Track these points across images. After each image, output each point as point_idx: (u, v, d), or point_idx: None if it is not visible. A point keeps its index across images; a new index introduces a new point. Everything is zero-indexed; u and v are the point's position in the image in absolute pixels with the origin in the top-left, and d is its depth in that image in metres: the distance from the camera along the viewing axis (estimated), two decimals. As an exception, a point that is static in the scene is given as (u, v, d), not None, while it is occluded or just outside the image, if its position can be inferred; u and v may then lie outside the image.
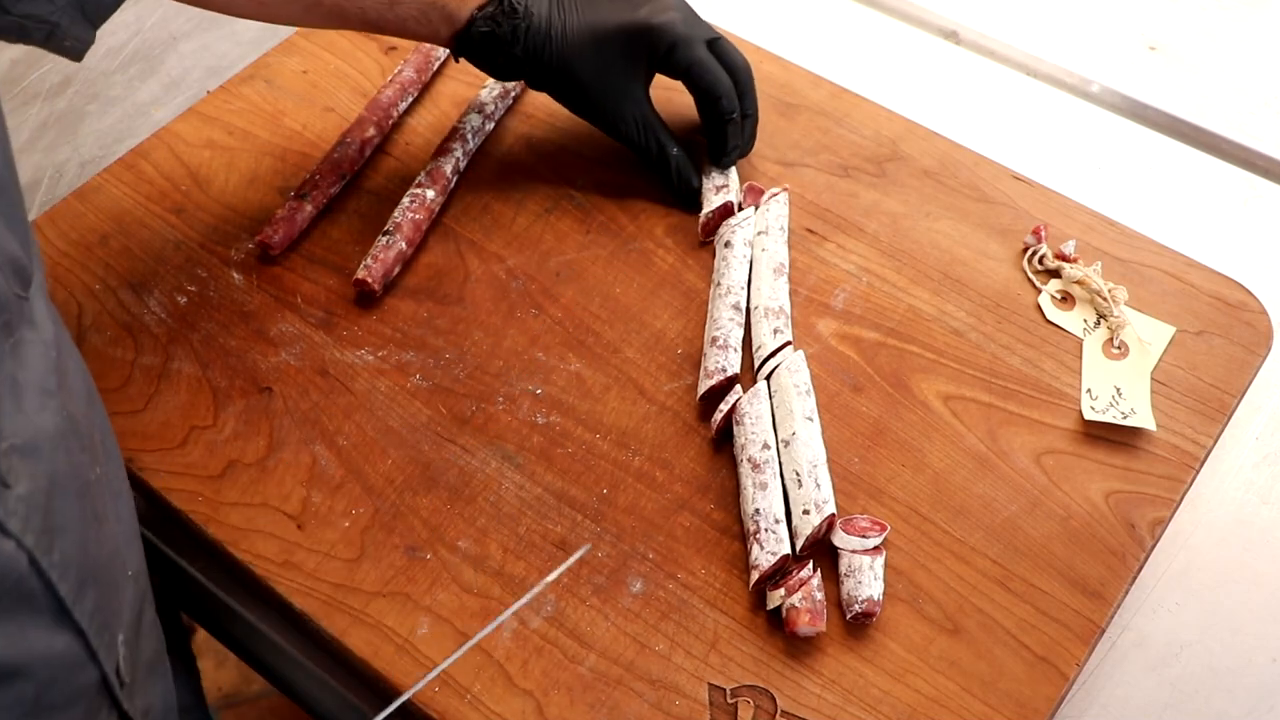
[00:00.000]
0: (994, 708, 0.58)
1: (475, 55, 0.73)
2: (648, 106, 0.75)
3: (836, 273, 0.74)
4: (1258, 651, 0.62)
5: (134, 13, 0.94)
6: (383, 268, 0.72)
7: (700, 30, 0.73)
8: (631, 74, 0.73)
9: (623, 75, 0.73)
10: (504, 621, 0.60)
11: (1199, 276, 0.74)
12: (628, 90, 0.74)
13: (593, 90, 0.73)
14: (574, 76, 0.73)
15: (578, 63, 0.72)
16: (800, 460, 0.63)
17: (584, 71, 0.72)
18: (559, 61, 0.72)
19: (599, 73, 0.72)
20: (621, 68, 0.72)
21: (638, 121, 0.74)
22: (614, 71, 0.73)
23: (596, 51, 0.72)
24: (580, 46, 0.71)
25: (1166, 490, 0.65)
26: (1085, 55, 0.91)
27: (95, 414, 0.51)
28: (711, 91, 0.73)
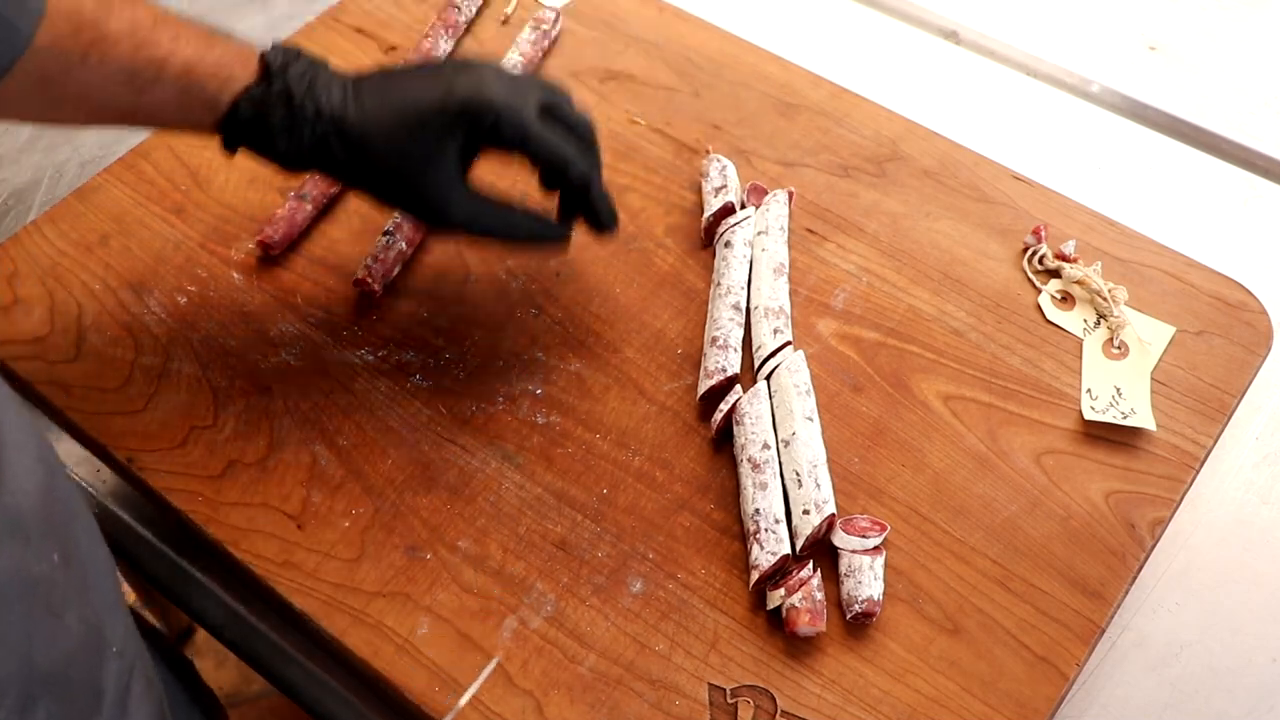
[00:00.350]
0: (994, 708, 0.58)
1: (250, 145, 0.62)
2: (465, 189, 0.63)
3: (836, 273, 0.74)
4: (1258, 651, 0.62)
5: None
6: (383, 268, 0.72)
7: (528, 94, 0.62)
8: (450, 157, 0.61)
9: (440, 161, 0.61)
10: (505, 623, 0.60)
11: (1199, 276, 0.74)
12: (448, 177, 0.62)
13: (405, 182, 0.62)
14: (380, 168, 0.62)
15: (382, 152, 0.61)
16: (800, 460, 0.63)
17: (391, 162, 0.61)
18: (358, 152, 0.61)
19: (412, 161, 0.61)
20: (438, 152, 0.61)
21: (467, 211, 0.63)
22: (429, 159, 0.61)
23: (407, 137, 0.60)
24: (384, 133, 0.61)
25: (1166, 490, 0.65)
26: (1085, 55, 0.91)
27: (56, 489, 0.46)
28: (556, 164, 0.63)
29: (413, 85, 0.62)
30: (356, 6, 0.90)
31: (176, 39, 0.59)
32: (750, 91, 0.84)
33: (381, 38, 0.88)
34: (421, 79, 0.62)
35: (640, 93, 0.84)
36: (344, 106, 0.61)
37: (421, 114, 0.61)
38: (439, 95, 0.61)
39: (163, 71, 0.59)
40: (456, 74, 0.62)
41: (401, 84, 0.62)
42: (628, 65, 0.86)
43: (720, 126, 0.82)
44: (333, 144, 0.61)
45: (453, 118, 0.61)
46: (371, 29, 0.89)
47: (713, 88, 0.85)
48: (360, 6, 0.90)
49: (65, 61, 0.56)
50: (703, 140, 0.81)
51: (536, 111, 0.62)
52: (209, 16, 0.92)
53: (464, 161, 0.63)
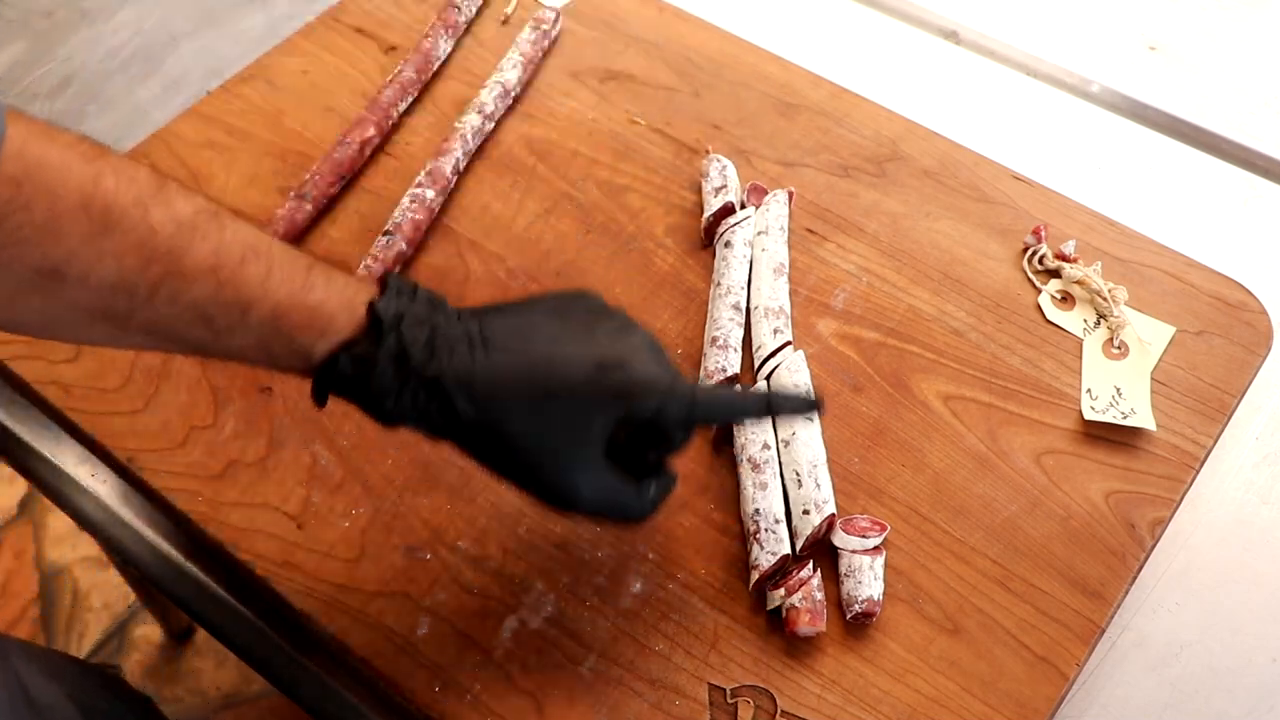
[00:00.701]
0: (994, 708, 0.58)
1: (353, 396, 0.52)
2: (607, 473, 0.53)
3: (836, 273, 0.74)
4: (1258, 651, 0.62)
5: (134, 12, 0.94)
6: (382, 268, 0.72)
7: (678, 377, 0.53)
8: (595, 442, 0.52)
9: (582, 445, 0.52)
10: (505, 623, 0.60)
11: (1199, 276, 0.74)
12: (583, 458, 0.52)
13: (537, 462, 0.52)
14: (503, 439, 0.51)
15: (510, 422, 0.51)
16: (800, 460, 0.63)
17: (518, 434, 0.51)
18: (480, 416, 0.51)
19: (541, 436, 0.51)
20: (582, 435, 0.51)
21: (596, 496, 0.53)
22: (563, 435, 0.51)
23: (538, 409, 0.51)
24: (513, 401, 0.51)
25: (1166, 490, 0.65)
26: (1085, 55, 0.91)
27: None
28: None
29: (554, 348, 0.52)
30: (356, 6, 0.91)
31: (268, 278, 0.49)
32: (750, 91, 0.84)
33: (381, 38, 0.88)
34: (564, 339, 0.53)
35: (640, 93, 0.84)
36: (470, 367, 0.51)
37: (570, 389, 0.51)
38: (588, 370, 0.51)
39: (247, 316, 0.49)
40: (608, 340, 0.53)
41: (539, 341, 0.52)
42: (628, 65, 0.86)
43: (720, 126, 0.82)
44: (459, 408, 0.51)
45: (607, 401, 0.51)
46: (371, 29, 0.89)
47: (713, 88, 0.85)
48: (360, 6, 0.90)
49: (131, 300, 0.47)
50: (703, 140, 0.81)
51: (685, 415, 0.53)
52: (209, 17, 0.93)
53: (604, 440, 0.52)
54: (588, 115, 0.83)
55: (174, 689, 1.35)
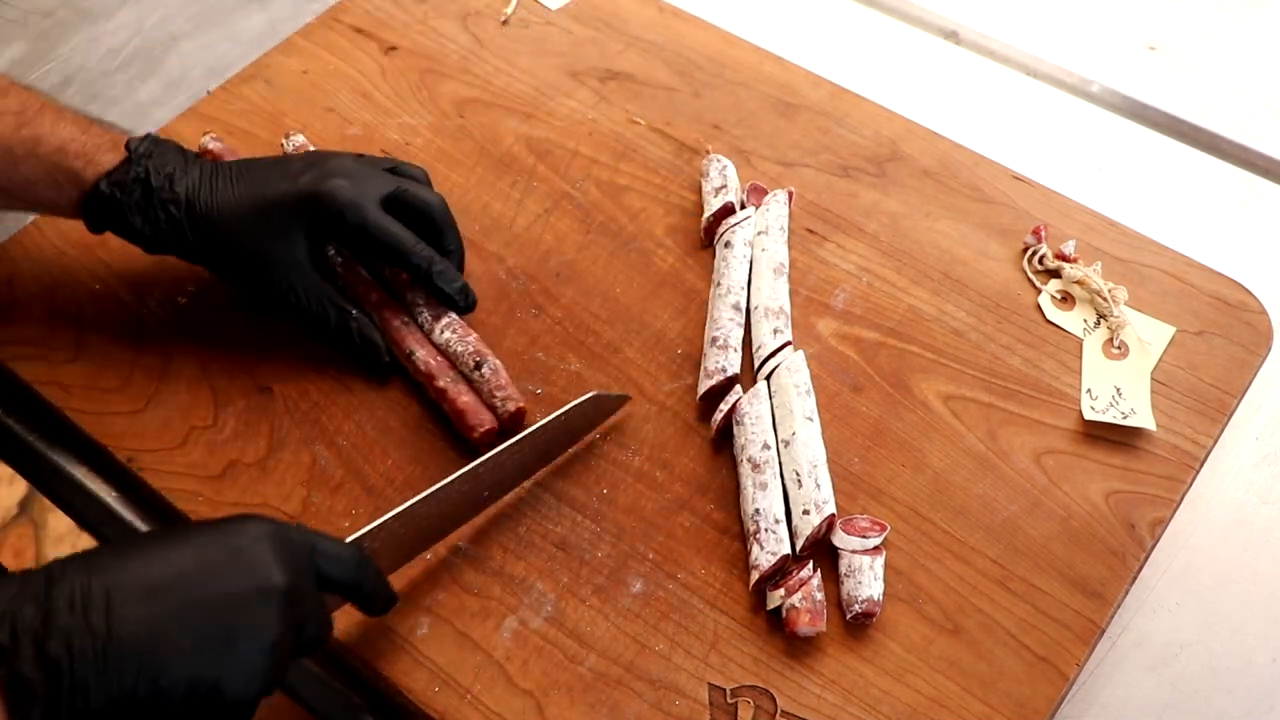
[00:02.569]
0: (994, 708, 0.58)
1: (113, 224, 0.67)
2: (315, 276, 0.68)
3: (836, 273, 0.74)
4: (1258, 651, 0.62)
5: (134, 13, 0.94)
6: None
7: (371, 187, 0.68)
8: (296, 244, 0.67)
9: (286, 246, 0.67)
10: (505, 623, 0.60)
11: (1199, 276, 0.74)
12: (293, 261, 0.67)
13: (253, 264, 0.67)
14: (230, 250, 0.67)
15: (234, 236, 0.66)
16: (800, 460, 0.63)
17: (242, 244, 0.67)
18: (210, 234, 0.66)
19: (259, 245, 0.67)
20: (285, 239, 0.67)
21: (307, 292, 0.68)
22: (276, 244, 0.67)
23: (256, 223, 0.66)
24: (236, 219, 0.66)
25: (1166, 490, 0.65)
26: (1085, 55, 0.91)
27: None
28: (395, 251, 0.67)
29: (265, 175, 0.67)
30: (356, 6, 0.91)
31: (57, 123, 0.65)
32: (750, 91, 0.84)
33: (381, 38, 0.88)
34: (275, 170, 0.68)
35: (640, 93, 0.84)
36: (196, 191, 0.66)
37: (270, 202, 0.66)
38: (286, 186, 0.66)
39: (38, 148, 0.65)
40: (307, 167, 0.68)
41: (255, 174, 0.68)
42: (628, 65, 0.86)
43: (720, 126, 0.82)
44: (184, 226, 0.66)
45: (297, 206, 0.66)
46: (371, 29, 0.89)
47: (713, 88, 0.85)
48: (360, 6, 0.90)
49: None
50: (703, 140, 0.81)
51: (379, 202, 0.67)
52: (209, 17, 0.93)
53: (314, 251, 0.68)
54: (588, 115, 0.83)
55: (174, 689, 1.34)
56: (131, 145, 0.66)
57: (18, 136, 0.64)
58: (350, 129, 0.83)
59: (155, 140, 0.68)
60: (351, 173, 0.67)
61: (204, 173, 0.67)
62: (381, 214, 0.67)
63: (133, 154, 0.66)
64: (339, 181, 0.66)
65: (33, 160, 0.65)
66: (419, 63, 0.87)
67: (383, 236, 0.67)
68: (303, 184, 0.66)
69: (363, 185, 0.67)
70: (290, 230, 0.67)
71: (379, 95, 0.85)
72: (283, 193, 0.66)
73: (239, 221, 0.66)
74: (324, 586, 0.52)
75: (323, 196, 0.66)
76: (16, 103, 0.65)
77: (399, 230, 0.67)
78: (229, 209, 0.66)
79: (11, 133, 0.64)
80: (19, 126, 0.64)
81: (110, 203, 0.66)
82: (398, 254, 0.68)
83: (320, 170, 0.67)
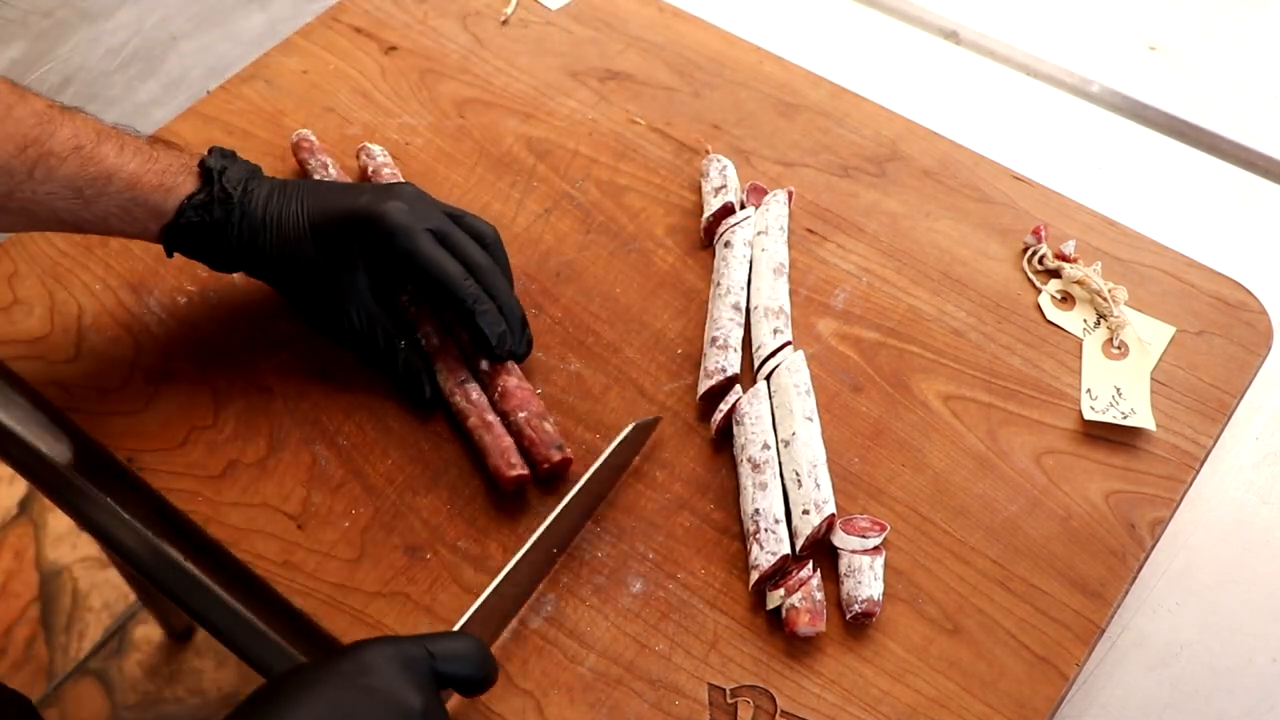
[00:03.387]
0: (994, 708, 0.58)
1: (189, 248, 0.66)
2: (370, 299, 0.67)
3: (836, 273, 0.74)
4: (1258, 651, 0.62)
5: (134, 12, 0.94)
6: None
7: (426, 217, 0.66)
8: (351, 265, 0.66)
9: (342, 267, 0.66)
10: (508, 625, 0.60)
11: (1199, 276, 0.74)
12: (348, 283, 0.66)
13: (310, 283, 0.67)
14: (290, 268, 0.66)
15: (294, 253, 0.65)
16: (800, 460, 0.63)
17: (300, 263, 0.66)
18: (275, 251, 0.66)
19: (316, 264, 0.66)
20: (340, 259, 0.65)
21: (359, 315, 0.67)
22: (332, 263, 0.66)
23: (314, 242, 0.65)
24: (296, 237, 0.65)
25: (1166, 490, 0.65)
26: (1085, 55, 0.91)
27: None
28: (441, 282, 0.65)
29: (328, 195, 0.67)
30: (356, 6, 0.91)
31: (121, 152, 0.63)
32: (750, 91, 0.84)
33: (381, 38, 0.88)
34: (338, 191, 0.67)
35: (640, 93, 0.84)
36: (265, 207, 0.65)
37: (328, 220, 0.65)
38: (345, 205, 0.65)
39: (110, 184, 0.62)
40: (370, 190, 0.67)
41: (320, 193, 0.67)
42: (628, 65, 0.86)
43: (720, 126, 0.82)
44: (258, 245, 0.65)
45: (352, 227, 0.65)
46: (371, 29, 0.89)
47: (713, 88, 0.85)
48: (360, 6, 0.91)
49: (11, 180, 0.60)
50: (703, 140, 0.81)
51: (432, 232, 0.65)
52: (209, 17, 0.93)
53: (371, 274, 0.66)
54: (588, 115, 0.83)
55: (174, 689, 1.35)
56: (207, 164, 0.65)
57: (85, 176, 0.62)
58: (350, 129, 0.83)
59: (222, 154, 0.66)
60: (411, 199, 0.66)
61: (272, 189, 0.66)
62: (432, 243, 0.65)
63: (207, 174, 0.65)
64: (395, 204, 0.65)
65: (105, 199, 0.63)
66: (419, 63, 0.87)
67: (430, 266, 0.65)
68: (360, 204, 0.65)
69: (417, 213, 0.65)
70: (345, 250, 0.65)
71: (379, 95, 0.85)
72: (341, 211, 0.65)
73: (299, 239, 0.65)
74: (445, 684, 0.52)
75: (376, 217, 0.64)
76: (69, 135, 0.61)
77: (447, 261, 0.65)
78: (292, 229, 0.65)
79: (78, 173, 0.61)
80: (83, 165, 0.61)
81: (192, 228, 0.65)
82: (443, 286, 0.65)
83: (379, 193, 0.66)
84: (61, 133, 0.61)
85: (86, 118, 0.64)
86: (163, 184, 0.64)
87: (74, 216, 0.63)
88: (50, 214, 0.62)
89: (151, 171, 0.64)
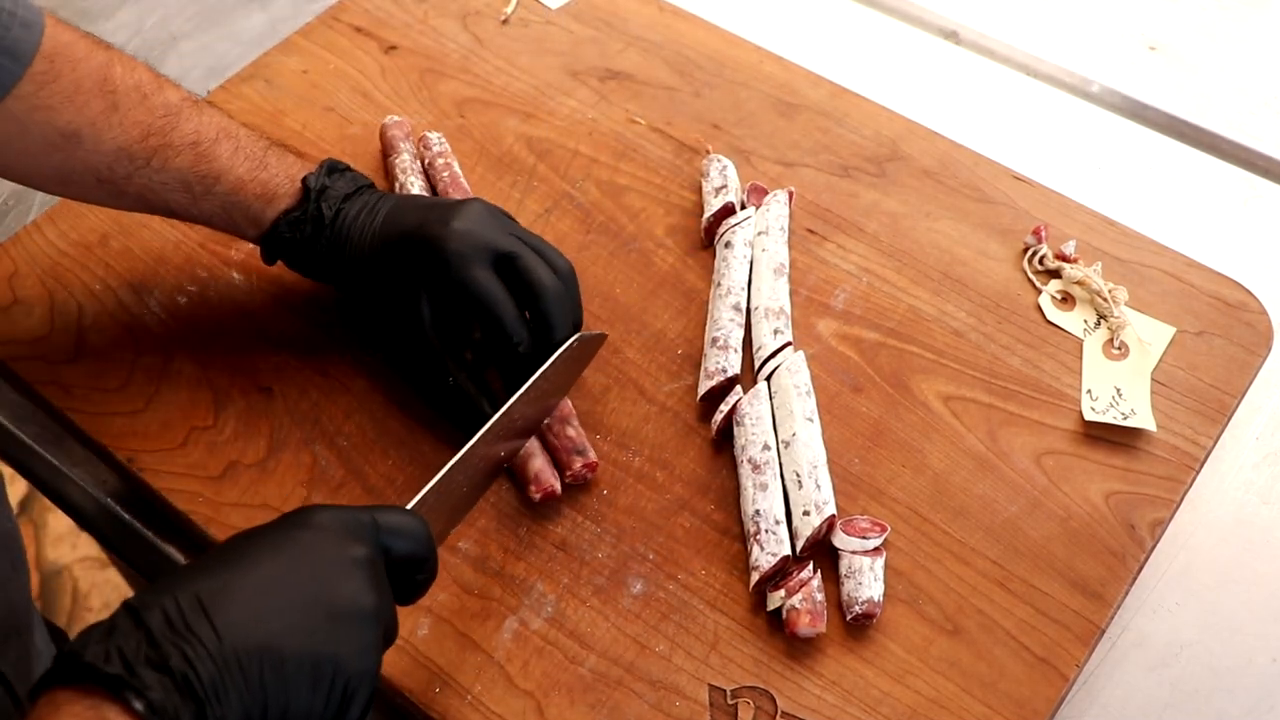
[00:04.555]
0: (994, 708, 0.58)
1: (287, 258, 0.67)
2: (425, 325, 0.64)
3: (836, 273, 0.74)
4: (1258, 651, 0.62)
5: (134, 13, 0.94)
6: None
7: (488, 243, 0.62)
8: (413, 288, 0.63)
9: (406, 289, 0.63)
10: (505, 623, 0.60)
11: (1199, 276, 0.74)
12: (409, 306, 0.63)
13: (375, 302, 0.66)
14: (364, 286, 0.65)
15: (366, 271, 0.65)
16: (800, 461, 0.63)
17: (370, 281, 0.65)
18: (352, 269, 0.65)
19: (382, 284, 0.64)
20: (404, 281, 0.63)
21: (414, 342, 0.64)
22: (396, 284, 0.64)
23: (382, 262, 0.64)
24: (372, 254, 0.64)
25: (1166, 491, 0.65)
26: (1085, 55, 0.91)
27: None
28: (490, 314, 0.62)
29: (402, 213, 0.65)
30: (356, 6, 0.90)
31: (235, 154, 0.64)
32: (750, 91, 0.84)
33: (381, 37, 0.88)
34: (416, 208, 0.65)
35: (640, 93, 0.84)
36: (352, 223, 0.65)
37: (393, 239, 0.64)
38: (411, 225, 0.64)
39: (216, 185, 0.64)
40: (443, 209, 0.64)
41: (398, 210, 0.65)
42: (628, 65, 0.86)
43: (720, 126, 0.82)
44: (339, 261, 0.65)
45: (411, 249, 0.63)
46: (371, 28, 0.89)
47: (713, 88, 0.85)
48: (360, 5, 0.90)
49: (131, 163, 0.62)
50: (703, 140, 0.81)
51: (490, 261, 0.62)
52: (209, 17, 0.93)
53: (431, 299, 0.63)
54: (588, 115, 0.83)
55: (174, 688, 1.35)
56: (309, 181, 0.65)
57: (195, 173, 0.63)
58: (350, 128, 0.83)
59: (331, 169, 0.66)
60: (477, 219, 0.63)
61: (363, 205, 0.65)
62: (489, 274, 0.62)
63: (310, 191, 0.65)
64: (457, 226, 0.62)
65: (210, 198, 0.64)
66: (419, 62, 0.87)
67: (481, 296, 0.61)
68: (423, 226, 0.63)
69: (479, 238, 0.62)
70: (408, 274, 0.63)
71: (379, 95, 0.85)
72: (405, 231, 0.64)
73: (373, 257, 0.64)
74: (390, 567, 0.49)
75: (433, 243, 0.62)
76: (191, 130, 0.63)
77: (500, 294, 0.62)
78: (368, 244, 0.64)
79: (190, 168, 0.63)
80: (196, 161, 0.63)
81: (284, 242, 0.65)
82: (492, 318, 0.62)
83: (446, 213, 0.63)
84: (185, 127, 0.63)
85: (217, 115, 0.65)
86: (265, 193, 0.64)
87: (184, 210, 0.65)
88: (163, 203, 0.64)
89: (257, 180, 0.64)
